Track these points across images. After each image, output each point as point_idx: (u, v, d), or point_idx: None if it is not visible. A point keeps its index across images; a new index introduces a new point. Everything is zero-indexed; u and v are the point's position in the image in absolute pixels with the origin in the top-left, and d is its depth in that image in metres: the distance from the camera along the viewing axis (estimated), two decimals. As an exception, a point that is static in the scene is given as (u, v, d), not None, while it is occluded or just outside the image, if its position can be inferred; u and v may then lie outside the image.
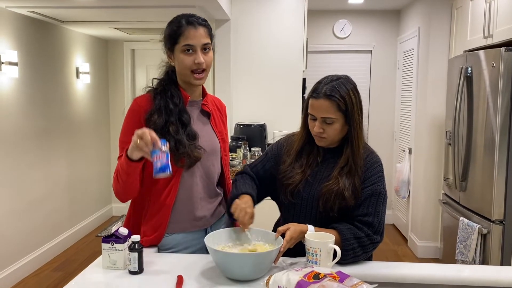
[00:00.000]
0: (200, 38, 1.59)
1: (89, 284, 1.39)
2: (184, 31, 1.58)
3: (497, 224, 2.80)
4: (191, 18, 1.61)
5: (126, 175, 1.53)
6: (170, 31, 1.62)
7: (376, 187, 1.56)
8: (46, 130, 4.14)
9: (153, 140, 1.40)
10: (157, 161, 1.39)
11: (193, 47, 1.59)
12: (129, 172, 1.52)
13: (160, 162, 1.39)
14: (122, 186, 1.57)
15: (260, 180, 1.72)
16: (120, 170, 1.53)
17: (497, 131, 2.77)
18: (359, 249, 1.50)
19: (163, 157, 1.40)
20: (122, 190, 1.59)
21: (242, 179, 1.70)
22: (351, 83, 1.56)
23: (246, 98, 3.98)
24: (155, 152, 1.40)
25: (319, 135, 1.56)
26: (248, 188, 1.63)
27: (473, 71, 3.07)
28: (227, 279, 1.40)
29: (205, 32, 1.62)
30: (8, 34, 3.56)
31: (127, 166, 1.50)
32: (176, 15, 1.66)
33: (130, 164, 1.49)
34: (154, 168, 1.40)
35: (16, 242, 3.70)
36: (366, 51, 5.31)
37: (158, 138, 1.41)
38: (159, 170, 1.39)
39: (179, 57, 1.60)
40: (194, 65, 1.59)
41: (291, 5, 3.89)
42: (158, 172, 1.40)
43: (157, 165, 1.39)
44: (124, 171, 1.52)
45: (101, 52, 5.34)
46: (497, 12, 3.00)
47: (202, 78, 1.64)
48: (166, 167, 1.40)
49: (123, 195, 1.62)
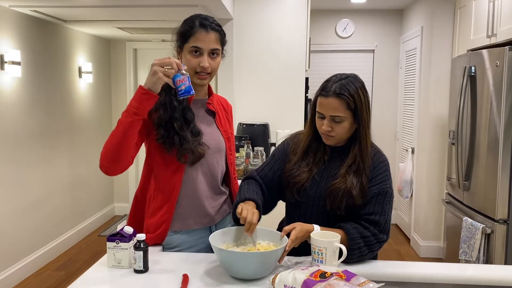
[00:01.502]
0: (210, 43, 1.59)
1: (94, 283, 1.39)
2: (195, 32, 1.58)
3: (501, 224, 2.79)
4: (205, 21, 1.60)
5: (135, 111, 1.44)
6: (183, 29, 1.62)
7: (383, 186, 1.55)
8: (49, 130, 4.14)
9: (178, 65, 1.45)
10: (180, 85, 1.46)
11: (201, 50, 1.59)
12: (139, 108, 1.44)
13: (183, 85, 1.46)
14: (120, 136, 1.45)
15: (269, 184, 1.68)
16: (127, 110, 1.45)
17: (501, 130, 2.76)
18: (365, 248, 1.49)
19: (185, 79, 1.46)
20: (118, 143, 1.46)
21: (247, 185, 1.66)
22: (360, 81, 1.55)
23: (249, 98, 3.97)
24: (177, 76, 1.46)
25: (327, 133, 1.55)
26: (253, 194, 1.59)
27: (476, 70, 3.06)
28: (232, 278, 1.39)
29: (216, 37, 1.61)
30: (11, 33, 3.56)
31: (141, 97, 1.44)
32: (177, 14, 1.65)
33: (147, 93, 1.43)
34: (179, 91, 1.46)
35: (19, 242, 3.70)
36: (369, 51, 5.30)
37: (179, 61, 1.47)
38: (184, 91, 1.46)
39: (186, 56, 1.61)
40: (198, 68, 1.60)
41: (293, 5, 3.89)
42: (183, 94, 1.46)
43: (181, 88, 1.46)
44: (134, 106, 1.44)
45: (103, 52, 5.34)
46: (501, 11, 2.99)
47: (206, 79, 1.64)
48: (190, 88, 1.47)
49: (114, 155, 1.47)
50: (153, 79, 1.44)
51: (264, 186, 1.67)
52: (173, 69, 1.44)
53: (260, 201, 1.58)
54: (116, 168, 1.51)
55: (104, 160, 1.50)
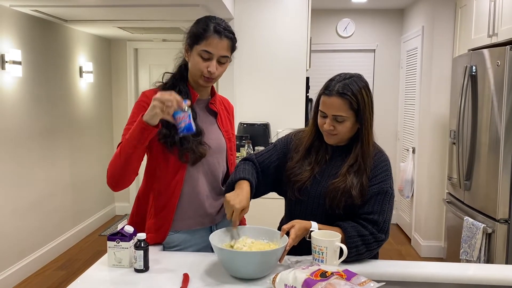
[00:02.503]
0: (221, 50, 1.58)
1: (95, 282, 1.39)
2: (208, 36, 1.56)
3: (502, 223, 2.79)
4: (219, 27, 1.58)
5: (135, 143, 1.46)
6: (196, 30, 1.60)
7: (383, 186, 1.55)
8: (49, 129, 4.14)
9: (179, 102, 1.41)
10: (180, 122, 1.43)
11: (211, 56, 1.58)
12: (141, 140, 1.46)
13: (183, 122, 1.43)
14: (123, 163, 1.49)
15: (264, 170, 1.68)
16: (128, 140, 1.47)
17: (502, 130, 2.76)
18: (363, 247, 1.49)
19: (186, 116, 1.43)
20: (121, 168, 1.51)
21: (244, 165, 1.67)
22: (364, 81, 1.55)
23: (250, 97, 3.97)
24: (177, 113, 1.43)
25: (329, 132, 1.55)
26: (247, 174, 1.60)
27: (477, 70, 3.06)
28: (232, 277, 1.39)
29: (228, 45, 1.61)
30: (12, 33, 3.57)
31: (141, 131, 1.44)
32: (179, 13, 1.64)
33: (146, 127, 1.44)
34: (179, 128, 1.43)
35: (20, 241, 3.71)
36: (370, 50, 5.30)
37: (181, 98, 1.43)
38: (184, 129, 1.43)
39: (194, 57, 1.60)
40: (206, 72, 1.59)
41: (294, 4, 3.89)
42: (183, 131, 1.44)
43: (181, 126, 1.43)
44: (134, 138, 1.46)
45: (104, 51, 5.34)
46: (502, 10, 2.99)
47: (210, 82, 1.65)
48: (190, 126, 1.44)
49: (119, 178, 1.53)
50: (151, 113, 1.43)
51: (260, 170, 1.68)
52: (173, 107, 1.40)
53: (254, 182, 1.60)
54: (122, 186, 1.58)
55: (110, 179, 1.55)
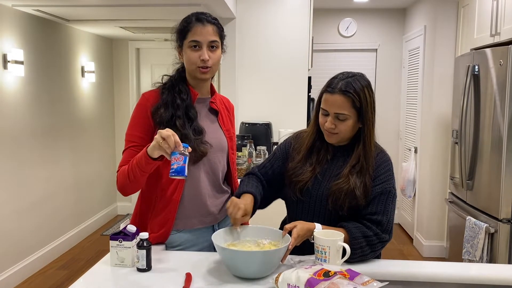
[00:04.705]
0: (207, 35, 1.60)
1: (97, 281, 1.39)
2: (192, 27, 1.60)
3: (504, 223, 2.78)
4: (201, 15, 1.63)
5: (141, 172, 1.52)
6: (180, 27, 1.64)
7: (386, 186, 1.54)
8: (51, 129, 4.15)
9: (176, 143, 1.41)
10: (174, 163, 1.42)
11: (200, 44, 1.60)
12: (145, 170, 1.51)
13: (177, 164, 1.41)
14: (132, 181, 1.55)
15: (269, 181, 1.70)
16: (135, 167, 1.52)
17: (505, 130, 2.75)
18: (367, 248, 1.49)
19: (181, 159, 1.42)
20: (131, 185, 1.57)
21: (247, 179, 1.68)
22: (366, 80, 1.55)
23: (251, 97, 3.97)
24: (175, 154, 1.42)
25: (330, 130, 1.54)
26: (251, 188, 1.61)
27: (480, 69, 3.05)
28: (235, 277, 1.39)
29: (214, 30, 1.63)
30: (14, 33, 3.57)
31: (145, 164, 1.49)
32: (180, 13, 1.66)
33: (149, 161, 1.49)
34: (171, 169, 1.42)
35: (22, 241, 3.71)
36: (372, 50, 5.29)
37: (180, 142, 1.43)
38: (175, 171, 1.41)
39: (186, 52, 1.62)
40: (199, 62, 1.60)
41: (296, 4, 3.88)
42: (173, 173, 1.42)
43: (173, 167, 1.41)
44: (140, 167, 1.51)
45: (106, 51, 5.35)
46: (505, 9, 2.98)
47: (207, 73, 1.64)
48: (182, 170, 1.41)
49: (129, 190, 1.60)
50: (152, 147, 1.46)
51: (265, 182, 1.70)
52: (170, 146, 1.41)
53: (258, 194, 1.60)
54: (131, 193, 1.63)
55: (120, 190, 1.61)
